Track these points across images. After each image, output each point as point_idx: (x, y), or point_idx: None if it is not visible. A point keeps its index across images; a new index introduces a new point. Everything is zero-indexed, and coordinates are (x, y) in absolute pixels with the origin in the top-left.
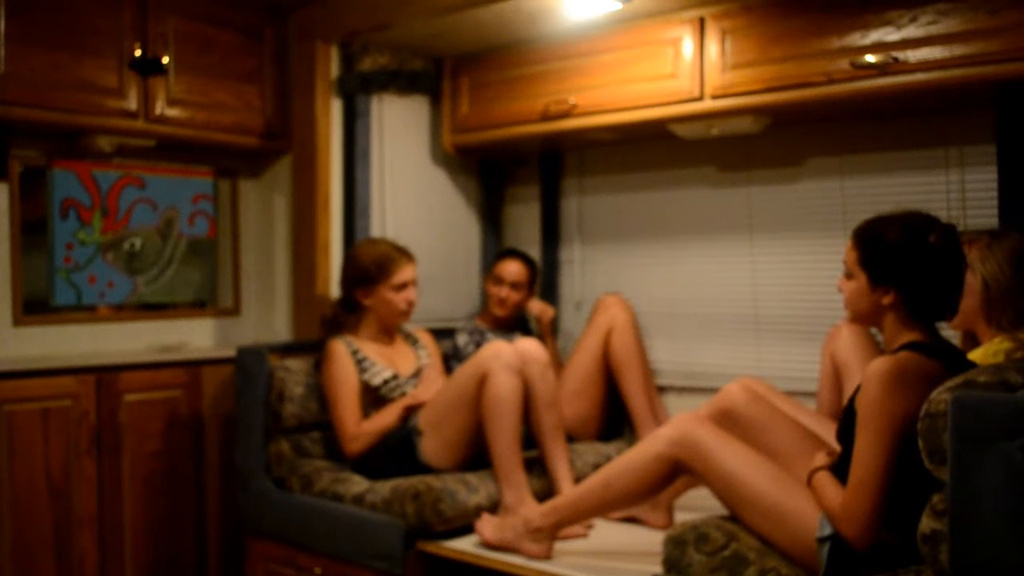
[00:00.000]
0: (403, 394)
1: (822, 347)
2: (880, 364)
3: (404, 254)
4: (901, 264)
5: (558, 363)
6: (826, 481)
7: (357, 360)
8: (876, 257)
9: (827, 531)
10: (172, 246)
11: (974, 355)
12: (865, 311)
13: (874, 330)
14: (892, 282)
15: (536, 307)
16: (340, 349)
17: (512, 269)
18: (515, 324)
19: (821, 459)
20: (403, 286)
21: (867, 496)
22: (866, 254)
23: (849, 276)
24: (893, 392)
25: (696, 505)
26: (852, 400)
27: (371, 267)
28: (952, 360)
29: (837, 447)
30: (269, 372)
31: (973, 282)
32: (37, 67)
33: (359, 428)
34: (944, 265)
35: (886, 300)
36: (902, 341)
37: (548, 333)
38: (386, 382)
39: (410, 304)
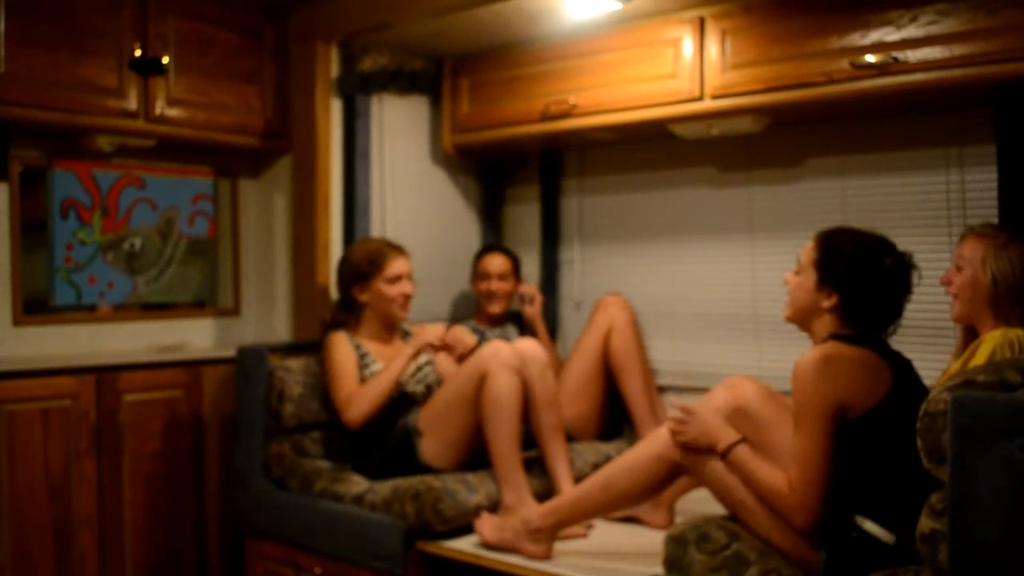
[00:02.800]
0: (402, 392)
1: None
2: (804, 357)
3: (395, 248)
4: (850, 274)
5: (555, 357)
6: (751, 455)
7: (360, 355)
8: (830, 261)
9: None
10: (172, 246)
11: (988, 338)
12: (804, 307)
13: None
14: (837, 287)
15: (528, 289)
16: (341, 338)
17: (496, 261)
18: (509, 317)
19: (734, 434)
20: (397, 278)
21: (812, 474)
22: (822, 256)
23: (798, 272)
24: (821, 378)
25: (697, 506)
26: None
27: (364, 263)
28: (882, 349)
29: None
30: (269, 372)
31: (981, 276)
32: (37, 67)
33: (357, 392)
34: (890, 287)
35: (826, 303)
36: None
37: (539, 318)
38: None
39: (406, 297)
